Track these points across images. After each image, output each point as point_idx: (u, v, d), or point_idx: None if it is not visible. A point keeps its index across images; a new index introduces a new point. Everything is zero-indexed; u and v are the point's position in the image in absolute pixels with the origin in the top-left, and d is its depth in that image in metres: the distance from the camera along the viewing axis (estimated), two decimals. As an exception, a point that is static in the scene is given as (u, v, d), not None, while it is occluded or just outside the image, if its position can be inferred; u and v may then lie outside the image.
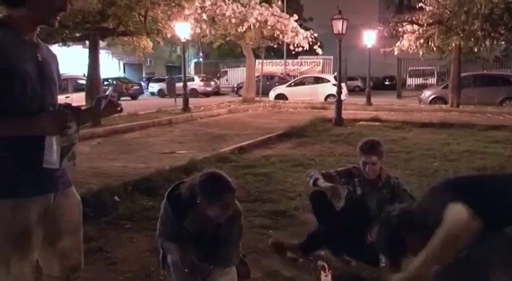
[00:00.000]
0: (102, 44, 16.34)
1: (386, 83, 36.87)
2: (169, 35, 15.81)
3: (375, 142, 3.70)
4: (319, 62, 35.97)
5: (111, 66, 38.27)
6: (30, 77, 1.85)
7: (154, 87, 35.67)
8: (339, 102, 13.66)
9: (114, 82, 30.03)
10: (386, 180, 3.66)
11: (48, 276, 2.11)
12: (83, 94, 13.96)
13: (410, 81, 34.05)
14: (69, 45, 16.07)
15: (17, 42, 1.85)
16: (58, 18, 1.94)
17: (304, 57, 35.23)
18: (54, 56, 2.10)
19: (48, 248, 2.03)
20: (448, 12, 16.66)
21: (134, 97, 30.33)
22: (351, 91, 28.97)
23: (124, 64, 44.99)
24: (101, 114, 2.19)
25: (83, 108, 2.20)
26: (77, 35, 13.88)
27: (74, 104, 2.03)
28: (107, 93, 2.13)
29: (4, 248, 1.85)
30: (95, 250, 3.81)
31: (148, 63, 47.97)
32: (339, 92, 14.04)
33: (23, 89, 1.82)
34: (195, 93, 33.14)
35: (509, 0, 13.98)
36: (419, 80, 33.22)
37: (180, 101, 18.32)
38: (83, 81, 16.02)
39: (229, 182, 2.75)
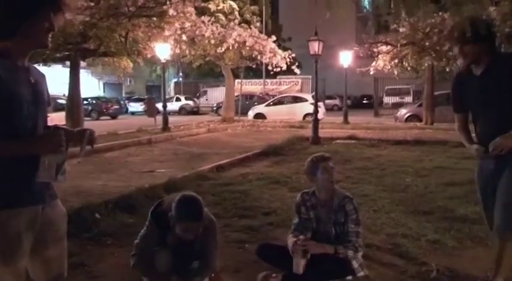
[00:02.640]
0: (82, 63, 16.48)
1: (364, 101, 37.52)
2: (149, 56, 16.04)
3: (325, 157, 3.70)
4: (298, 82, 36.54)
5: (90, 86, 38.28)
6: (26, 100, 2.03)
7: (134, 106, 35.78)
8: (316, 121, 13.98)
9: (94, 101, 30.09)
10: (340, 202, 3.62)
11: None
12: (62, 114, 14.03)
13: (387, 99, 34.80)
14: (49, 65, 16.17)
15: (12, 69, 2.01)
16: (49, 38, 2.10)
17: (283, 77, 35.75)
18: (43, 76, 2.27)
19: (35, 256, 2.17)
20: (421, 34, 17.24)
21: (114, 116, 30.36)
22: (329, 110, 29.46)
23: (104, 83, 45.00)
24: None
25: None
26: (58, 55, 14.00)
27: (53, 124, 2.24)
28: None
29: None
30: (76, 264, 3.93)
31: (128, 83, 48.04)
32: (316, 111, 14.35)
33: (20, 112, 2.00)
34: (184, 112, 33.56)
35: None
36: (396, 99, 33.96)
37: (159, 120, 18.47)
38: (63, 101, 16.09)
39: (198, 210, 3.00)
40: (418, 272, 3.86)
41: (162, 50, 16.72)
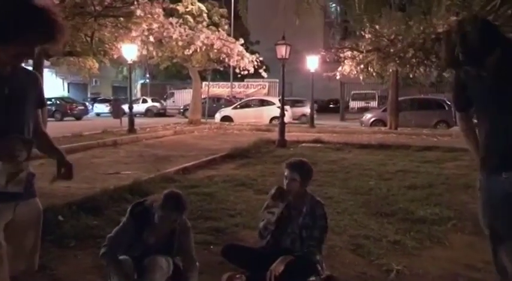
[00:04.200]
0: (46, 62, 16.14)
1: (331, 106, 37.97)
2: (115, 56, 15.85)
3: (303, 162, 3.76)
4: (265, 85, 36.74)
5: (55, 86, 37.53)
6: None
7: (99, 107, 35.28)
8: (282, 124, 14.08)
9: (58, 102, 29.48)
10: (311, 206, 3.65)
11: None
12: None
13: (353, 104, 35.37)
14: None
15: None
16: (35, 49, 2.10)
17: (251, 80, 35.86)
18: (32, 81, 2.32)
19: (8, 247, 2.23)
20: (386, 40, 17.62)
21: (79, 118, 29.84)
22: (297, 113, 29.62)
23: (68, 84, 44.15)
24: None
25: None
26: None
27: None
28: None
29: None
30: (39, 267, 3.86)
31: (94, 83, 47.28)
32: (282, 114, 14.46)
33: None
34: (150, 113, 33.33)
35: (439, 32, 14.93)
36: (362, 103, 34.53)
37: (125, 122, 18.28)
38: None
39: (183, 203, 3.25)
40: (379, 272, 3.97)
41: (129, 51, 16.57)
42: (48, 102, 22.26)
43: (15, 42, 1.99)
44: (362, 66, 19.11)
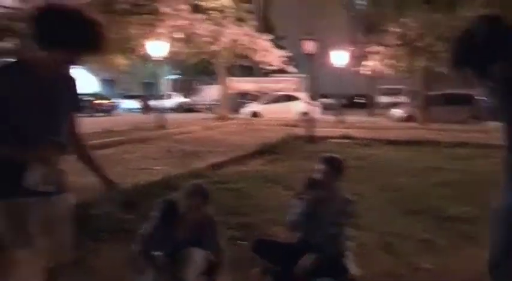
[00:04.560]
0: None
1: (358, 101, 37.61)
2: (143, 53, 16.05)
3: (334, 157, 3.82)
4: (293, 80, 36.53)
5: (87, 82, 38.15)
6: (31, 111, 2.22)
7: (129, 103, 35.74)
8: (311, 120, 14.06)
9: (89, 98, 29.98)
10: (341, 203, 3.67)
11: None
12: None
13: (382, 99, 34.94)
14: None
15: (30, 80, 2.21)
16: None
17: (278, 75, 35.72)
18: (70, 85, 2.49)
19: (43, 241, 2.36)
20: (414, 34, 17.37)
21: (109, 113, 30.33)
22: (326, 109, 29.51)
23: (100, 80, 44.79)
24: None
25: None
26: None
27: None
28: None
29: (9, 238, 2.24)
30: (74, 260, 4.00)
31: (124, 80, 47.84)
32: (311, 110, 14.44)
33: (23, 120, 2.20)
34: (179, 109, 33.60)
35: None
36: (390, 98, 34.09)
37: (154, 117, 18.50)
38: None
39: (205, 190, 3.43)
40: (408, 271, 3.96)
41: (156, 47, 16.74)
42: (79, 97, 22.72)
43: (66, 50, 2.17)
44: (389, 61, 18.90)
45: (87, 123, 2.80)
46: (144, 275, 3.26)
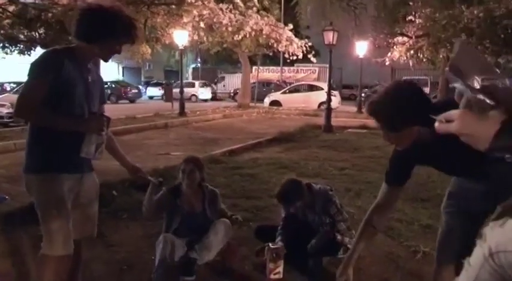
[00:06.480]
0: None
1: (381, 91, 37.32)
2: (167, 42, 16.35)
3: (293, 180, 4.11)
4: (315, 70, 36.51)
5: (110, 70, 38.78)
6: (79, 93, 2.55)
7: (152, 91, 36.23)
8: (329, 109, 14.23)
9: (113, 85, 30.51)
10: (323, 205, 3.86)
11: None
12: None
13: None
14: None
15: (77, 68, 2.54)
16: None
17: (301, 65, 35.77)
18: (100, 78, 2.86)
19: (73, 215, 2.64)
20: (437, 25, 17.27)
21: (132, 101, 30.86)
22: (347, 99, 29.52)
23: (123, 68, 45.48)
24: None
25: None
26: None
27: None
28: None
29: (49, 209, 2.51)
30: (96, 234, 4.33)
31: (147, 68, 48.49)
32: (329, 99, 14.59)
33: (74, 100, 2.53)
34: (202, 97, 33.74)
35: (494, 15, 14.58)
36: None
37: (176, 105, 18.86)
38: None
39: (198, 158, 4.05)
40: (406, 253, 4.18)
41: (180, 36, 17.05)
42: (105, 86, 23.21)
43: (110, 42, 2.55)
44: (412, 52, 18.85)
45: (112, 110, 3.17)
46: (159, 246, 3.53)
